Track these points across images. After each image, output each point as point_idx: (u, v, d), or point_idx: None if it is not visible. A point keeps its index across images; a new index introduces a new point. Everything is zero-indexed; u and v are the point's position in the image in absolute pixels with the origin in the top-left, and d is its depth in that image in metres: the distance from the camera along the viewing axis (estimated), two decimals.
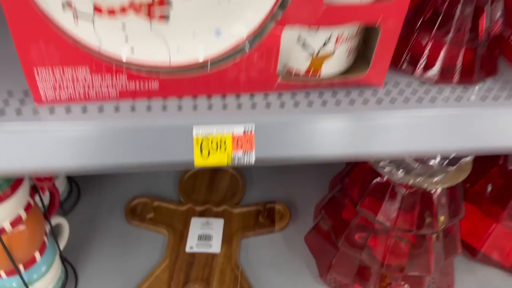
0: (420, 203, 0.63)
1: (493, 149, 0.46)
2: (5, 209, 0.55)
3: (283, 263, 0.79)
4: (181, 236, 0.80)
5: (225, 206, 0.86)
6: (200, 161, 0.40)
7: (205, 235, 0.81)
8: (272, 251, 0.81)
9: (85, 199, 0.88)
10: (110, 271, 0.76)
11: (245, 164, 0.41)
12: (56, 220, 0.71)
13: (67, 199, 0.86)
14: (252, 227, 0.83)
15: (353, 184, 0.68)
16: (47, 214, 0.66)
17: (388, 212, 0.64)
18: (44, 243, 0.65)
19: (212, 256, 0.78)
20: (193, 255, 0.78)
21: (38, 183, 0.62)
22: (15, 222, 0.57)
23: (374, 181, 0.64)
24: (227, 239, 0.80)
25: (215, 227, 0.82)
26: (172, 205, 0.86)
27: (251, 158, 0.41)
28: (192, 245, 0.79)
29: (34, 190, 0.63)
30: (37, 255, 0.64)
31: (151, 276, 0.74)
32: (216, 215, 0.84)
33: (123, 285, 0.73)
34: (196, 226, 0.82)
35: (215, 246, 0.79)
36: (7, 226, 0.57)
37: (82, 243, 0.80)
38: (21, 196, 0.57)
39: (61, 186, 0.84)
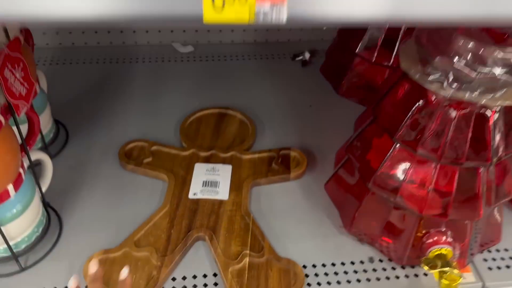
0: (473, 129, 0.52)
1: None
2: None
3: (300, 213, 0.68)
4: (183, 182, 0.70)
5: (233, 152, 0.75)
6: (211, 15, 0.29)
7: (210, 181, 0.70)
8: (288, 200, 0.70)
9: (73, 143, 0.77)
10: (100, 218, 0.65)
11: (273, 22, 0.30)
12: (36, 154, 0.60)
13: (52, 142, 0.76)
14: (265, 174, 0.72)
15: (388, 112, 0.58)
16: (24, 144, 0.56)
17: (433, 142, 0.53)
18: (19, 176, 0.55)
19: (219, 203, 0.67)
20: (197, 201, 0.67)
21: (12, 100, 0.51)
22: None
23: (417, 104, 0.53)
24: (236, 186, 0.70)
25: (222, 173, 0.72)
26: (173, 150, 0.75)
27: (281, 15, 0.30)
28: (196, 191, 0.69)
29: (6, 110, 0.52)
30: (10, 189, 0.53)
31: (149, 222, 0.63)
32: (224, 161, 0.74)
33: (115, 234, 0.62)
34: (201, 172, 0.72)
35: (222, 193, 0.69)
36: None
37: (69, 189, 0.69)
38: None
39: (46, 126, 0.73)
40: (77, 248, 0.61)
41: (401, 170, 0.57)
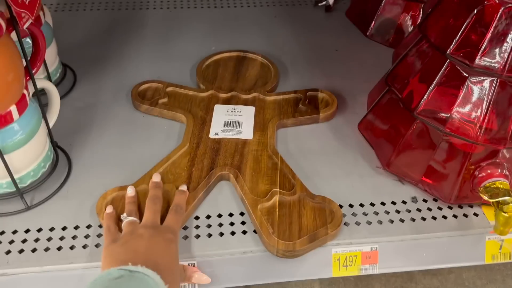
0: None
1: None
2: None
3: (332, 154, 0.62)
4: (203, 123, 0.64)
5: (255, 93, 0.69)
6: None
7: (232, 122, 0.64)
8: (317, 142, 0.64)
9: (81, 86, 0.71)
10: (112, 159, 0.59)
11: None
12: (42, 83, 0.54)
13: (59, 83, 0.70)
14: (291, 114, 0.66)
15: (439, 26, 0.51)
16: (28, 65, 0.50)
17: (493, 53, 0.46)
18: (23, 98, 0.48)
19: (243, 142, 0.61)
20: (218, 141, 0.61)
21: (15, 8, 0.44)
22: None
23: (474, 11, 0.47)
24: (261, 126, 0.63)
25: (245, 114, 0.65)
26: (190, 91, 0.69)
27: None
28: (217, 131, 0.62)
29: (9, 22, 0.46)
30: (13, 111, 0.47)
31: (167, 161, 0.57)
32: (245, 103, 0.67)
33: (129, 173, 0.56)
34: (221, 112, 0.65)
35: (246, 133, 0.62)
36: None
37: (78, 130, 0.63)
38: None
39: (52, 63, 0.67)
40: (87, 187, 0.55)
41: (452, 94, 0.51)
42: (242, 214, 0.53)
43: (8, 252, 0.49)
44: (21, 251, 0.49)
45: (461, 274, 0.71)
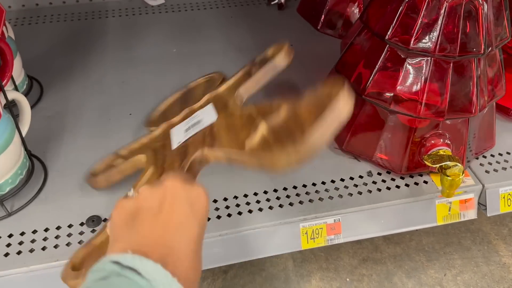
0: (463, 19, 0.51)
1: None
2: None
3: None
4: (164, 148, 0.60)
5: (207, 95, 0.69)
6: None
7: (193, 124, 0.63)
8: None
9: (49, 96, 0.73)
10: (86, 161, 0.61)
11: None
12: (12, 94, 0.57)
13: (27, 95, 0.72)
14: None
15: (377, 15, 0.56)
16: None
17: (425, 36, 0.52)
18: None
19: (210, 126, 0.57)
20: (184, 144, 0.59)
21: None
22: None
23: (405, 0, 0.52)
24: (223, 106, 0.60)
25: (205, 112, 0.64)
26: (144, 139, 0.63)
27: None
28: (180, 140, 0.61)
29: None
30: None
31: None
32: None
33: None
34: (180, 131, 0.59)
35: (209, 119, 0.60)
36: None
37: (50, 137, 0.66)
38: None
39: (18, 76, 0.69)
40: (65, 190, 0.58)
41: (393, 76, 0.56)
42: (215, 201, 0.58)
43: None
44: (6, 254, 0.51)
45: (421, 240, 0.77)
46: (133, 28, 0.90)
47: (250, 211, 0.56)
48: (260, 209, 0.57)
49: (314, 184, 0.60)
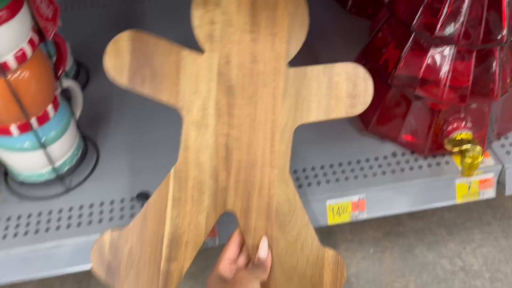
0: (487, 9, 0.53)
1: None
2: (4, 34, 0.46)
3: (322, 123, 0.71)
4: None
5: None
6: None
7: None
8: None
9: (95, 80, 0.80)
10: (134, 140, 0.69)
11: None
12: (66, 82, 0.63)
13: (75, 79, 0.78)
14: None
15: (404, 4, 0.59)
16: (55, 68, 0.58)
17: (449, 25, 0.55)
18: (56, 98, 0.57)
19: None
20: None
21: (42, 22, 0.53)
22: (19, 58, 0.49)
23: None
24: None
25: None
26: None
27: None
28: None
29: (36, 32, 0.54)
30: (50, 110, 0.56)
31: None
32: None
33: (149, 152, 0.66)
34: None
35: None
36: (11, 61, 0.48)
37: (98, 119, 0.72)
38: (21, 24, 0.48)
39: (68, 61, 0.75)
40: (116, 167, 0.65)
41: (419, 62, 0.59)
42: None
43: (58, 227, 0.58)
44: (68, 226, 0.59)
45: (443, 215, 0.81)
46: (172, 11, 0.94)
47: None
48: None
49: (340, 164, 0.65)
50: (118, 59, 0.49)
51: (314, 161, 0.65)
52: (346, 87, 0.52)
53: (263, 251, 0.50)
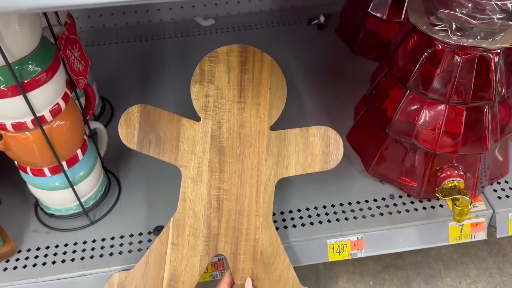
0: (476, 71, 0.58)
1: None
2: (43, 94, 0.53)
3: None
4: None
5: None
6: None
7: None
8: None
9: (118, 115, 0.86)
10: (152, 177, 0.75)
11: None
12: (93, 124, 0.69)
13: (100, 115, 0.85)
14: None
15: (401, 63, 0.64)
16: (84, 114, 0.65)
17: (441, 85, 0.60)
18: (85, 142, 0.64)
19: None
20: None
21: (74, 77, 0.59)
22: (54, 112, 0.56)
23: (425, 52, 0.60)
24: None
25: None
26: None
27: None
28: None
29: (69, 84, 0.61)
30: (79, 153, 0.63)
31: None
32: None
33: (168, 187, 0.72)
34: None
35: None
36: (47, 115, 0.55)
37: (121, 155, 0.79)
38: (58, 83, 0.55)
39: None
40: (136, 201, 0.71)
41: (414, 115, 0.64)
42: None
43: (82, 258, 0.65)
44: (92, 256, 0.65)
45: (440, 250, 0.85)
46: (187, 48, 1.01)
47: (285, 227, 0.67)
48: (294, 226, 0.67)
49: (341, 204, 0.70)
50: (129, 128, 0.60)
51: (316, 200, 0.70)
52: (320, 146, 0.61)
53: None
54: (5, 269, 0.64)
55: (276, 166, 0.61)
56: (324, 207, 0.70)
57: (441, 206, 0.69)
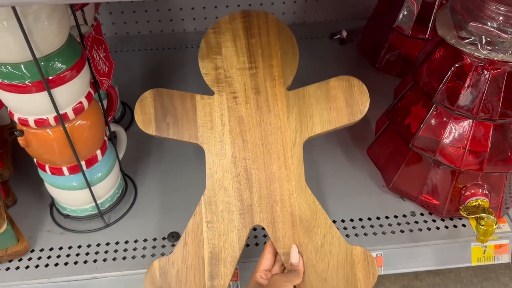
0: (505, 86, 0.57)
1: None
2: (67, 91, 0.53)
3: (344, 174, 0.75)
4: None
5: None
6: None
7: None
8: (331, 164, 0.77)
9: None
10: (169, 183, 0.74)
11: None
12: (114, 127, 0.69)
13: (120, 119, 0.85)
14: None
15: (427, 77, 0.63)
16: (105, 116, 0.65)
17: (469, 100, 0.59)
18: (104, 143, 0.64)
19: None
20: None
21: (98, 77, 0.60)
22: (77, 110, 0.55)
23: (453, 67, 0.59)
24: None
25: None
26: None
27: None
28: None
29: (92, 85, 0.61)
30: (98, 154, 0.62)
31: None
32: None
33: (184, 194, 0.71)
34: None
35: None
36: (69, 113, 0.55)
37: (139, 159, 0.78)
38: (82, 81, 0.55)
39: None
40: (151, 206, 0.70)
41: (439, 130, 0.63)
42: None
43: (95, 260, 0.64)
44: (104, 259, 0.64)
45: (460, 272, 0.82)
46: None
47: None
48: None
49: (360, 219, 0.68)
50: (145, 114, 0.59)
51: (335, 214, 0.69)
52: (343, 97, 0.60)
53: (294, 257, 0.54)
54: (17, 267, 0.63)
55: (300, 126, 0.59)
56: (343, 221, 0.68)
57: (463, 225, 0.67)
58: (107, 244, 0.66)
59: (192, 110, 0.60)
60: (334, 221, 0.68)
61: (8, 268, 0.63)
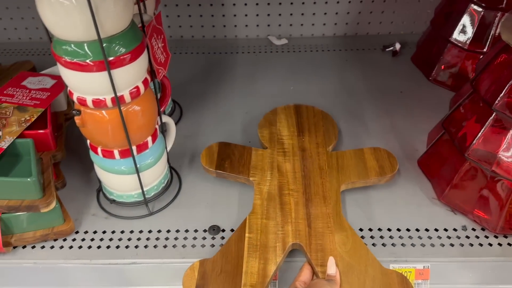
0: None
1: None
2: (126, 74, 0.54)
3: (394, 185, 0.73)
4: None
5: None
6: None
7: None
8: None
9: (186, 118, 0.88)
10: (211, 180, 0.74)
11: None
12: (165, 118, 0.70)
13: (171, 116, 0.87)
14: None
15: (488, 83, 0.61)
16: (158, 105, 0.66)
17: None
18: (156, 131, 0.65)
19: None
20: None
21: (156, 66, 0.61)
22: (133, 94, 0.57)
23: None
24: None
25: None
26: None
27: None
28: None
29: (149, 73, 0.62)
30: (149, 141, 0.63)
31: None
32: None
33: (225, 190, 0.71)
34: None
35: None
36: (126, 96, 0.56)
37: (186, 154, 0.79)
38: (140, 66, 0.56)
39: None
40: (194, 199, 0.71)
41: (497, 141, 0.60)
42: None
43: (136, 246, 0.64)
44: (146, 246, 0.64)
45: None
46: (258, 64, 1.03)
47: None
48: None
49: (408, 230, 0.65)
50: (210, 158, 0.72)
51: (381, 222, 0.67)
52: (374, 160, 0.71)
53: (331, 268, 0.56)
54: (61, 247, 0.65)
55: (337, 174, 0.69)
56: (389, 230, 0.66)
57: None
58: (149, 231, 0.66)
59: (247, 157, 0.73)
60: (379, 229, 0.66)
61: (52, 247, 0.65)
